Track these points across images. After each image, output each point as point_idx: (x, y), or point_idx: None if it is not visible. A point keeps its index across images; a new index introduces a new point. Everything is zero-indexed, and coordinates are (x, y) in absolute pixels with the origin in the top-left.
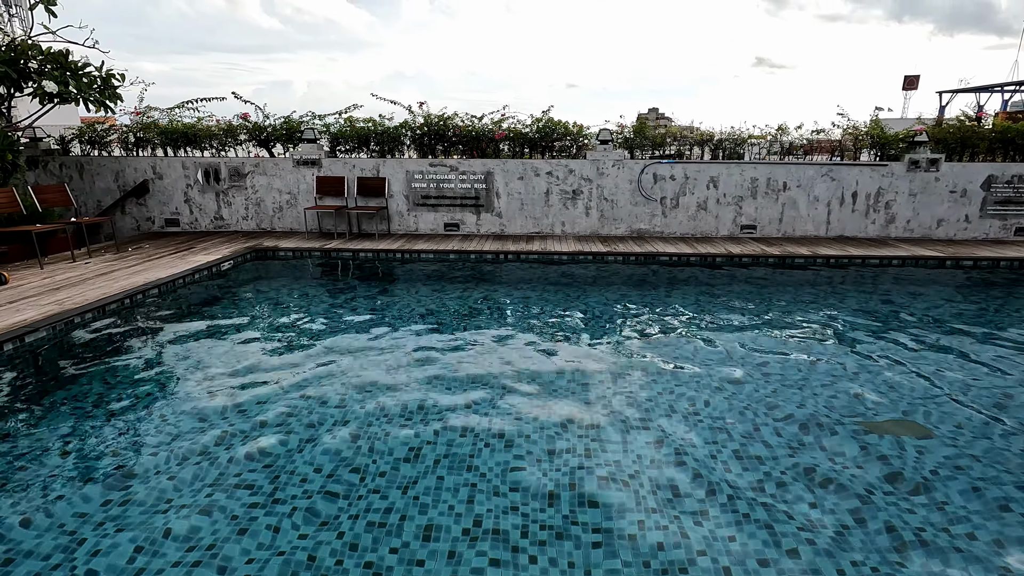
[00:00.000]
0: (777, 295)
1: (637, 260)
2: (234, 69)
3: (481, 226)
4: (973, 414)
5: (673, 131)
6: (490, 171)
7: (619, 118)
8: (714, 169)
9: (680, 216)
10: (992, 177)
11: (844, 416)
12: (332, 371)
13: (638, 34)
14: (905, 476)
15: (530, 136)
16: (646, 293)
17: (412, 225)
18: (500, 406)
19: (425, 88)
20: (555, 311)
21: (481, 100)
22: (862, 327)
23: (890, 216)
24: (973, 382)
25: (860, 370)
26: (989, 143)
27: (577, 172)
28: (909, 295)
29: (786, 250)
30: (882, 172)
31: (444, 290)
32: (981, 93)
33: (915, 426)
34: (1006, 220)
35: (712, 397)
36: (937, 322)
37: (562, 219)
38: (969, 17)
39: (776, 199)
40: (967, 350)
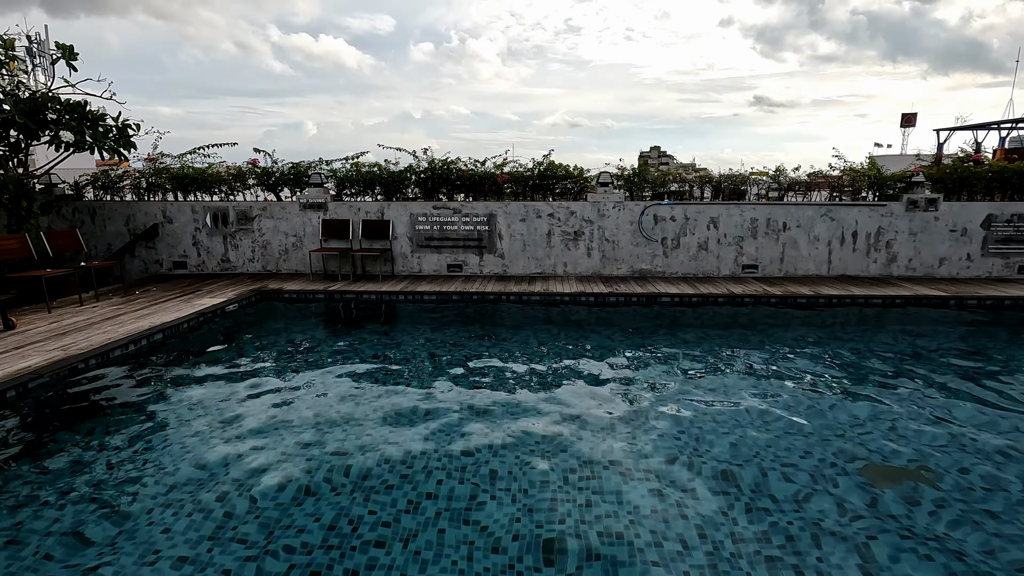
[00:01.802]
0: (781, 336)
1: (639, 301)
2: (247, 112)
3: (484, 267)
4: (978, 462)
5: (672, 172)
6: (492, 213)
7: (619, 160)
8: (714, 210)
9: (681, 256)
10: (992, 216)
11: (848, 463)
12: (333, 417)
13: (639, 73)
14: (916, 527)
15: (532, 179)
16: (649, 334)
17: (416, 267)
18: (502, 455)
19: (432, 129)
20: (558, 353)
21: (487, 139)
22: (868, 369)
23: (891, 255)
24: (980, 429)
25: (867, 416)
26: (987, 183)
27: (578, 214)
28: (914, 335)
29: (788, 290)
30: (881, 212)
31: (447, 332)
32: (978, 131)
33: (918, 474)
34: (1008, 258)
35: (717, 444)
36: (945, 364)
37: (564, 260)
38: (962, 57)
39: (777, 239)
40: (976, 394)
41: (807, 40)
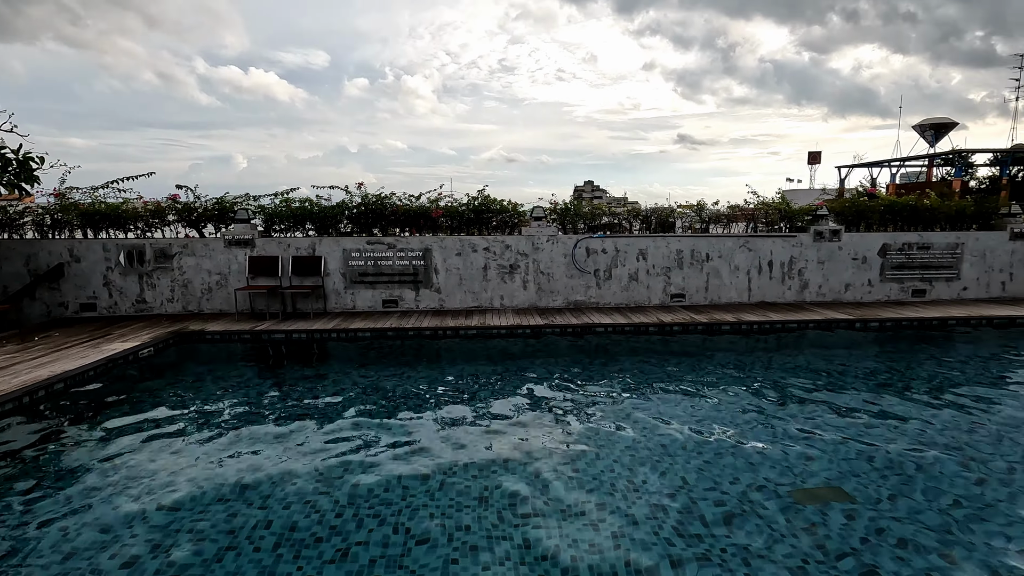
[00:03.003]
0: (708, 363)
1: (574, 332)
2: (170, 145)
3: (420, 302)
4: (891, 475)
5: (602, 207)
6: (428, 248)
7: (551, 195)
8: (642, 242)
9: (614, 287)
10: (886, 245)
11: (777, 485)
12: (258, 467)
13: (571, 111)
14: (831, 544)
15: (467, 213)
16: (586, 365)
17: (349, 303)
18: (438, 497)
19: (369, 163)
20: (494, 388)
21: (425, 174)
22: (789, 391)
23: (804, 282)
24: (888, 442)
25: (788, 437)
26: (881, 215)
27: (514, 247)
28: (828, 357)
29: (713, 317)
30: (792, 242)
31: (382, 370)
32: (873, 168)
33: (840, 492)
34: (903, 283)
35: (650, 472)
36: (855, 383)
37: (500, 293)
38: (856, 102)
39: (701, 269)
40: (885, 408)
41: (722, 84)
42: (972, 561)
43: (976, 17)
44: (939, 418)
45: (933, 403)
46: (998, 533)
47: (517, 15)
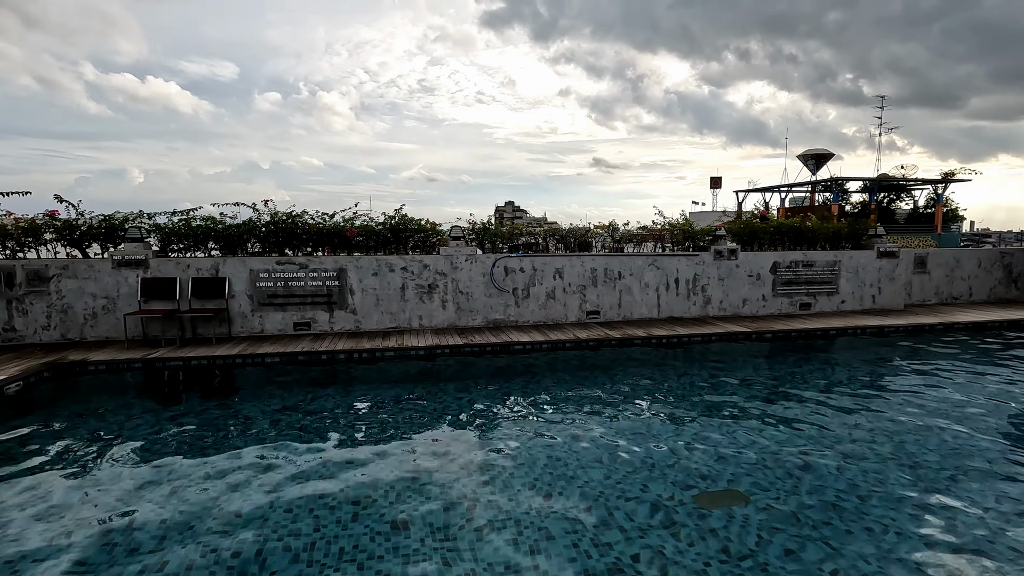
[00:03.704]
0: (622, 377)
1: (493, 350)
2: (51, 156)
3: (335, 324)
4: (784, 475)
5: (519, 226)
6: (343, 268)
7: (470, 215)
8: (559, 261)
9: (532, 305)
10: (776, 263)
11: (684, 491)
12: (146, 510)
13: (491, 133)
14: (732, 545)
15: (384, 232)
16: (504, 383)
17: (257, 327)
18: (351, 527)
19: (282, 180)
20: (411, 410)
21: (343, 192)
22: (695, 400)
23: (707, 298)
24: (786, 443)
25: (694, 444)
26: (771, 236)
27: (432, 267)
28: (730, 367)
29: (626, 332)
30: (695, 261)
31: (292, 397)
32: (766, 192)
33: (738, 494)
34: (792, 297)
35: (567, 486)
36: (753, 390)
37: (419, 313)
38: (750, 132)
39: (614, 286)
40: (778, 413)
41: (632, 112)
42: (853, 551)
43: (846, 61)
44: (823, 420)
45: (818, 406)
46: (876, 524)
47: (436, 37)
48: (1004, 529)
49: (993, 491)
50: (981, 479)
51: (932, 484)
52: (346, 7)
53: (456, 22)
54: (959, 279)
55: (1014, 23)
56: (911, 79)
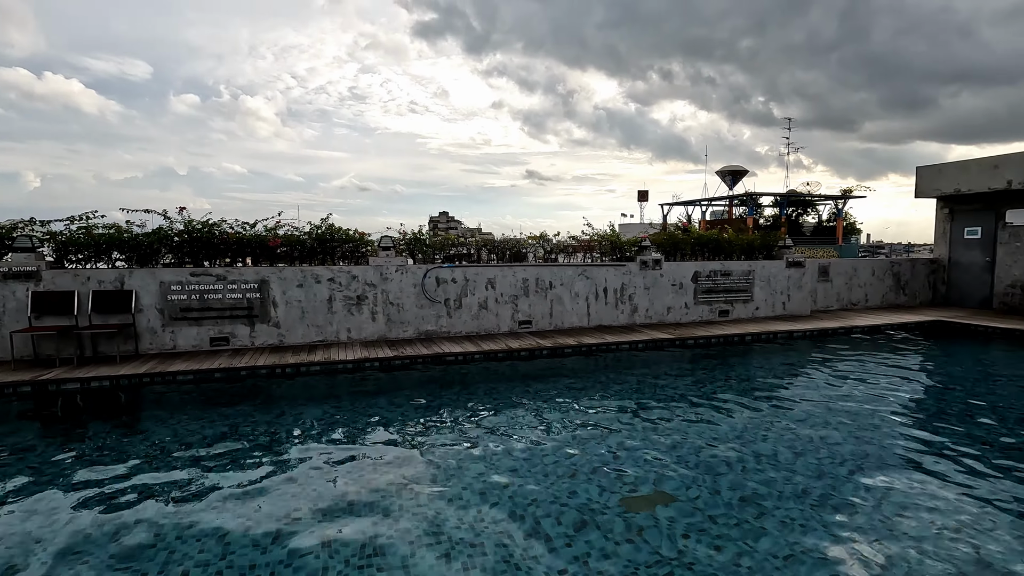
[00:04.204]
0: (553, 385)
1: (425, 362)
2: None
3: (256, 338)
4: (703, 474)
5: (451, 237)
6: (265, 279)
7: (400, 225)
8: (491, 271)
9: (464, 316)
10: (697, 272)
11: (612, 495)
12: (30, 550)
13: (425, 143)
14: (661, 545)
15: (309, 243)
16: (437, 395)
17: (169, 343)
18: (271, 551)
19: (201, 187)
20: (337, 426)
21: (268, 200)
22: (623, 405)
23: (634, 306)
24: (707, 444)
25: (622, 449)
26: (692, 247)
27: (361, 278)
28: (656, 372)
29: (557, 341)
30: (623, 271)
31: (207, 417)
32: (689, 206)
33: (664, 495)
34: (711, 305)
35: (499, 497)
36: (677, 394)
37: (347, 325)
38: (673, 148)
39: (545, 296)
40: (700, 416)
41: (564, 126)
42: (768, 545)
43: (758, 85)
44: (741, 420)
45: (736, 408)
46: (789, 517)
47: (367, 44)
48: (901, 516)
49: (889, 480)
50: (881, 469)
51: (836, 476)
52: (271, 10)
53: (388, 31)
54: (856, 287)
55: (898, 57)
56: (814, 104)
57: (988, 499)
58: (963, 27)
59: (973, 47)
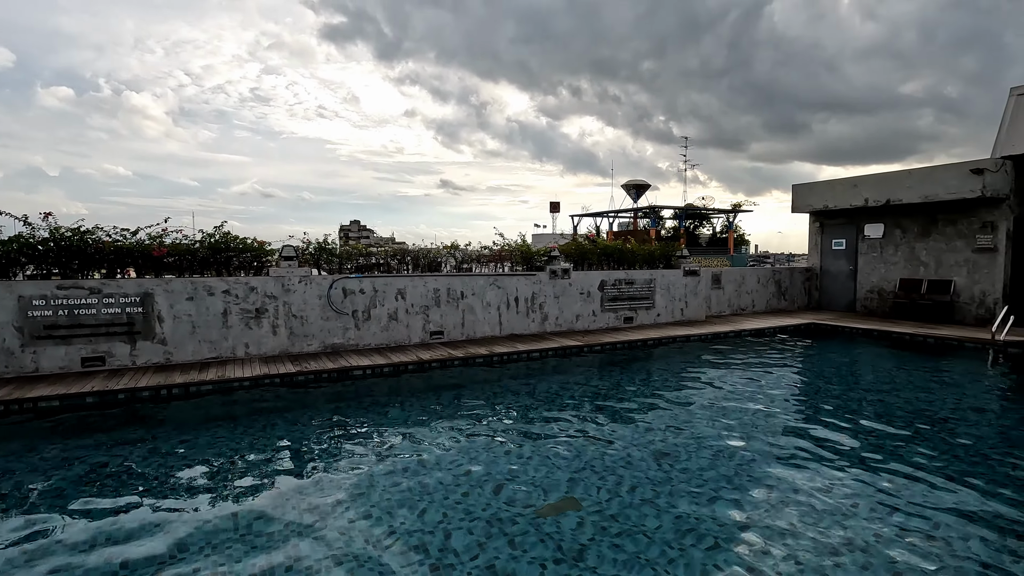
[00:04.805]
0: (465, 395)
1: (331, 377)
2: None
3: (138, 357)
4: (609, 476)
5: (358, 247)
6: (148, 292)
7: (303, 234)
8: (400, 282)
9: (374, 328)
10: (604, 281)
11: (522, 504)
12: None
13: (335, 149)
14: (565, 550)
15: (201, 252)
16: (343, 411)
17: (30, 365)
18: None
19: (77, 190)
20: (237, 448)
21: (157, 206)
22: (533, 413)
23: (544, 315)
24: (609, 448)
25: (533, 456)
26: (598, 257)
27: (260, 289)
28: (565, 379)
29: (469, 351)
30: (533, 280)
31: (77, 447)
32: (597, 217)
33: (573, 500)
34: (617, 312)
35: (408, 513)
36: (585, 399)
37: (245, 340)
38: (583, 162)
39: (457, 306)
40: (608, 420)
41: (477, 137)
42: (666, 539)
43: (659, 105)
44: (645, 422)
45: (640, 410)
46: (686, 513)
47: (270, 44)
48: (783, 504)
49: (773, 469)
50: (767, 460)
51: (730, 471)
52: (162, 1)
53: (293, 31)
54: (745, 293)
55: (777, 86)
56: (708, 124)
57: (857, 483)
58: (830, 62)
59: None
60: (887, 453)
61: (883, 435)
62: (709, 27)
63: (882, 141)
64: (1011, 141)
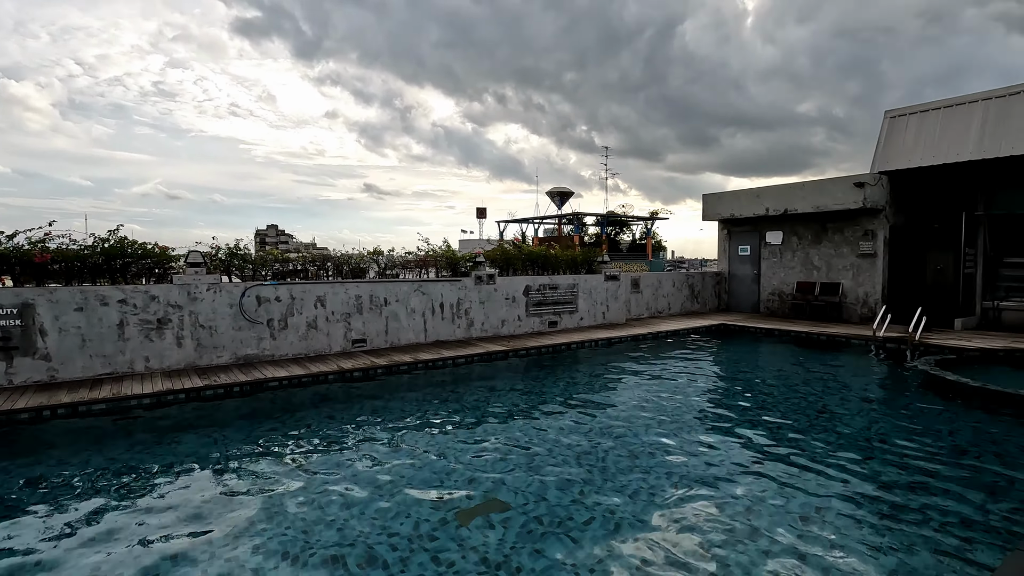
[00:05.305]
0: (389, 404)
1: (243, 390)
2: None
3: (15, 375)
4: (534, 477)
5: (274, 252)
6: (28, 302)
7: (212, 240)
8: (320, 289)
9: (291, 337)
10: (528, 286)
11: (447, 510)
12: None
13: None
14: (491, 554)
15: (94, 259)
16: (257, 426)
17: None
18: None
19: None
20: (133, 473)
21: (44, 207)
22: (455, 420)
23: (470, 320)
24: (533, 450)
25: (457, 461)
26: (523, 262)
27: (163, 299)
28: (491, 385)
29: (392, 359)
30: (459, 286)
31: None
32: (523, 223)
33: (497, 502)
34: (542, 317)
35: (325, 530)
36: (511, 402)
37: (145, 354)
38: (509, 168)
39: (380, 313)
40: (531, 422)
41: (402, 141)
42: (592, 537)
43: (582, 115)
44: (567, 423)
45: (563, 411)
46: (609, 511)
47: (175, 36)
48: (697, 492)
49: (688, 460)
50: (684, 453)
51: (647, 465)
52: None
53: (202, 24)
54: (661, 296)
55: (690, 101)
56: (628, 135)
57: (764, 468)
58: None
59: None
60: (787, 441)
61: (784, 425)
62: (627, 42)
63: (782, 155)
64: (886, 158)
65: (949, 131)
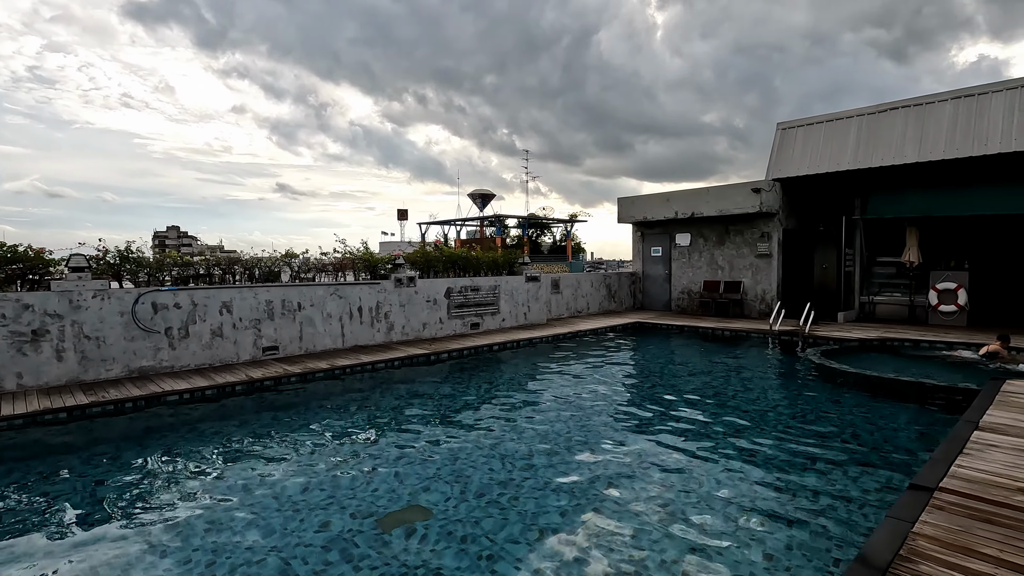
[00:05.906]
0: (304, 413)
1: (137, 406)
2: None
3: None
4: (456, 481)
5: (173, 255)
6: None
7: (98, 241)
8: (226, 294)
9: (193, 346)
10: (450, 288)
11: (365, 519)
12: None
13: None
14: (411, 559)
15: None
16: (150, 444)
17: None
18: None
19: None
20: (6, 505)
21: None
22: (376, 425)
23: (390, 324)
24: (455, 454)
25: (376, 470)
26: (444, 264)
27: (39, 307)
28: (412, 390)
29: (307, 366)
30: (378, 289)
31: None
32: (445, 225)
33: (420, 509)
34: (464, 319)
35: (236, 547)
36: (432, 406)
37: (17, 369)
38: (431, 170)
39: (294, 319)
40: (452, 426)
41: (318, 140)
42: (516, 535)
43: (503, 119)
44: (488, 424)
45: (485, 413)
46: (528, 510)
47: (54, 16)
48: (614, 485)
49: (606, 455)
50: (602, 447)
51: (569, 462)
52: None
53: (86, 5)
54: (581, 296)
55: (605, 108)
56: (547, 139)
57: (681, 456)
58: (647, 90)
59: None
60: (693, 432)
61: (691, 415)
62: (545, 48)
63: (689, 162)
64: (779, 166)
65: (831, 143)
